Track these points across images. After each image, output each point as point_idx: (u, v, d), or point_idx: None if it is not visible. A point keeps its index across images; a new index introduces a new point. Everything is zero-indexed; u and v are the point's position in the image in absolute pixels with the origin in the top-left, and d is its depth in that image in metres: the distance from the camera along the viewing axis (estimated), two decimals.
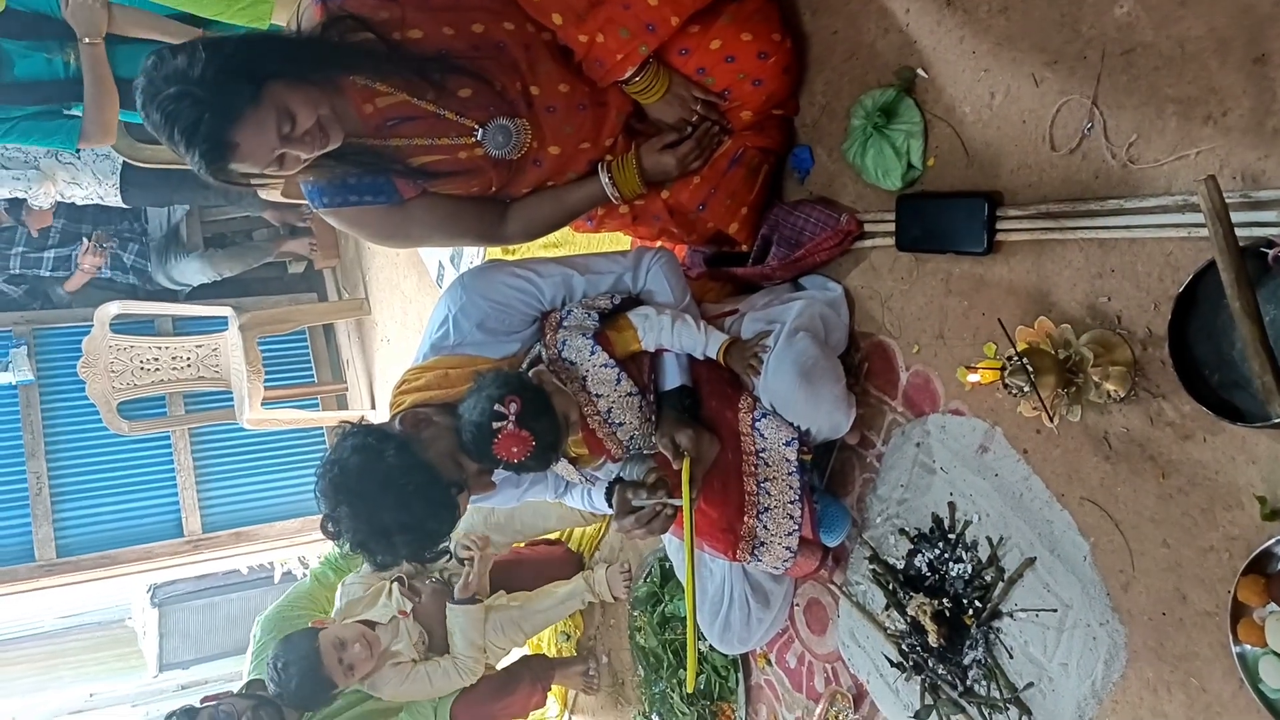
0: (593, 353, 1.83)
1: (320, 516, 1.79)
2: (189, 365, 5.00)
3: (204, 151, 1.59)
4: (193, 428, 5.35)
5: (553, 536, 3.23)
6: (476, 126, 1.82)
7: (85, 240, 4.97)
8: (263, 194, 4.07)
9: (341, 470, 1.70)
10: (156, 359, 4.93)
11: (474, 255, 3.58)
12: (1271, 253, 1.27)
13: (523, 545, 3.21)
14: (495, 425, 1.67)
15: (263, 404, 4.75)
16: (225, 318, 4.86)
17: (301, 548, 5.29)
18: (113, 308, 4.75)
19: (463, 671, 2.79)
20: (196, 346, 4.99)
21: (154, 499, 5.21)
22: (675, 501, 1.78)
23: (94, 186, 4.36)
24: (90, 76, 3.01)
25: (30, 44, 3.01)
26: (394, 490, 1.66)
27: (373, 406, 5.17)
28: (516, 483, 2.04)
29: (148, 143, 3.65)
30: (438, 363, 1.88)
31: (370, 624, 2.75)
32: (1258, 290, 1.28)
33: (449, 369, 1.87)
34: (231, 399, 4.97)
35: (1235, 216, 1.28)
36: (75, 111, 3.13)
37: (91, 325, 4.72)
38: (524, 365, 1.90)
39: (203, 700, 2.74)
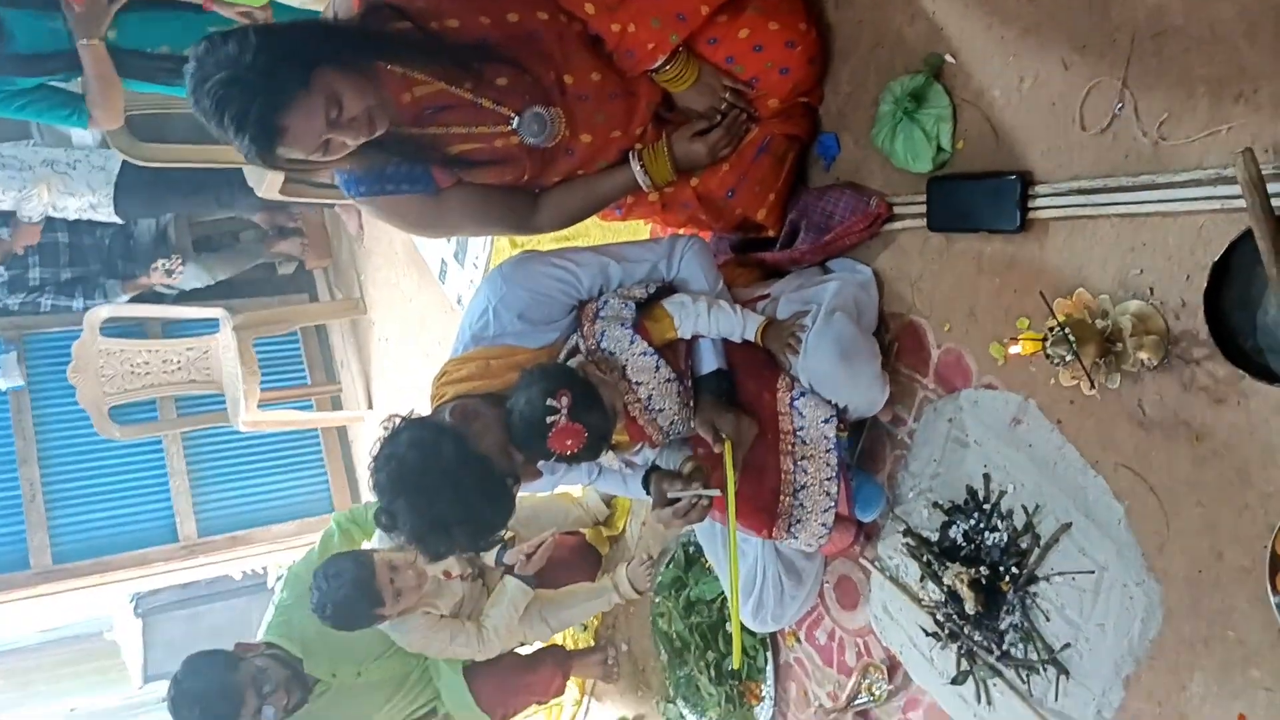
0: (632, 342, 1.87)
1: (375, 509, 1.82)
2: (180, 368, 4.98)
3: (254, 136, 1.61)
4: (185, 431, 5.32)
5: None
6: (512, 114, 1.86)
7: None
8: (260, 192, 4.08)
9: (400, 464, 1.73)
10: (147, 363, 4.90)
11: (479, 251, 3.61)
12: None
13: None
14: (549, 420, 1.72)
15: (257, 406, 4.75)
16: (216, 320, 4.84)
17: (299, 551, 5.27)
18: (103, 311, 4.72)
19: (485, 642, 2.82)
20: (187, 349, 4.97)
21: (148, 504, 5.18)
22: (712, 492, 1.83)
23: (88, 197, 4.34)
24: (92, 74, 3.01)
25: (31, 12, 3.00)
26: (452, 484, 1.71)
27: (370, 406, 5.17)
28: (553, 469, 2.08)
29: (148, 140, 3.66)
30: (479, 353, 1.91)
31: None
32: None
33: (490, 359, 1.91)
34: (223, 402, 4.96)
35: (1269, 188, 1.35)
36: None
37: (81, 330, 4.69)
38: (562, 356, 1.94)
39: (236, 645, 2.79)
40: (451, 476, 1.70)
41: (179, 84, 2.65)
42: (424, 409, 1.92)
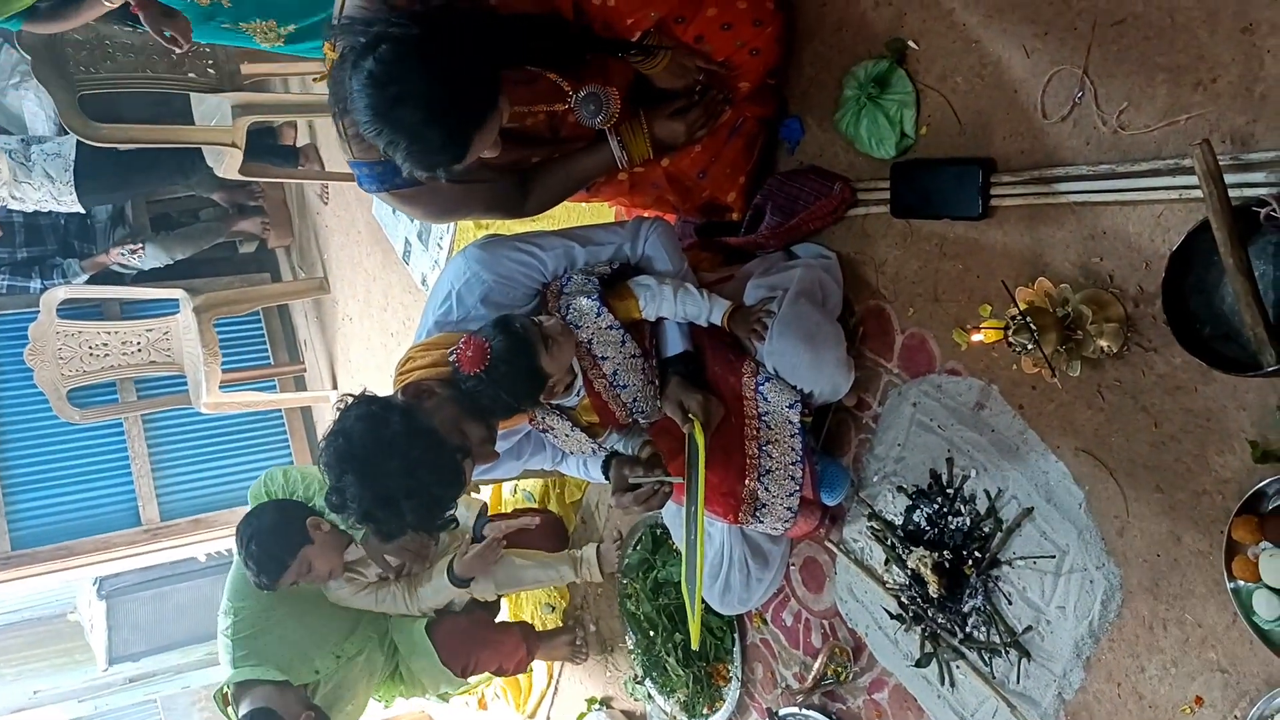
0: (598, 314, 1.86)
1: (324, 490, 1.79)
2: (140, 350, 4.92)
3: (443, 160, 1.55)
4: (146, 414, 5.27)
5: (535, 504, 3.27)
6: (571, 92, 1.84)
7: None
8: (220, 171, 4.01)
9: (346, 439, 1.69)
10: (106, 344, 4.84)
11: (443, 232, 3.58)
12: (1263, 212, 1.35)
13: (508, 511, 3.25)
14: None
15: (219, 387, 4.70)
16: (176, 300, 4.78)
17: None
18: (60, 292, 4.65)
19: (412, 610, 2.85)
20: (147, 330, 4.91)
21: (109, 488, 5.14)
22: (673, 479, 1.83)
23: (47, 187, 4.26)
24: None
25: None
26: (400, 456, 1.66)
27: (334, 386, 5.14)
28: (518, 453, 2.08)
29: (101, 120, 3.58)
30: (442, 339, 1.89)
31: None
32: (1248, 248, 1.36)
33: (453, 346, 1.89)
34: (185, 383, 4.90)
35: (1226, 178, 1.36)
36: None
37: (38, 311, 4.61)
38: None
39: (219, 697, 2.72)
40: (399, 449, 1.66)
41: None
42: (386, 390, 1.90)
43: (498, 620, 3.17)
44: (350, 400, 1.79)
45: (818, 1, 2.02)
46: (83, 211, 4.65)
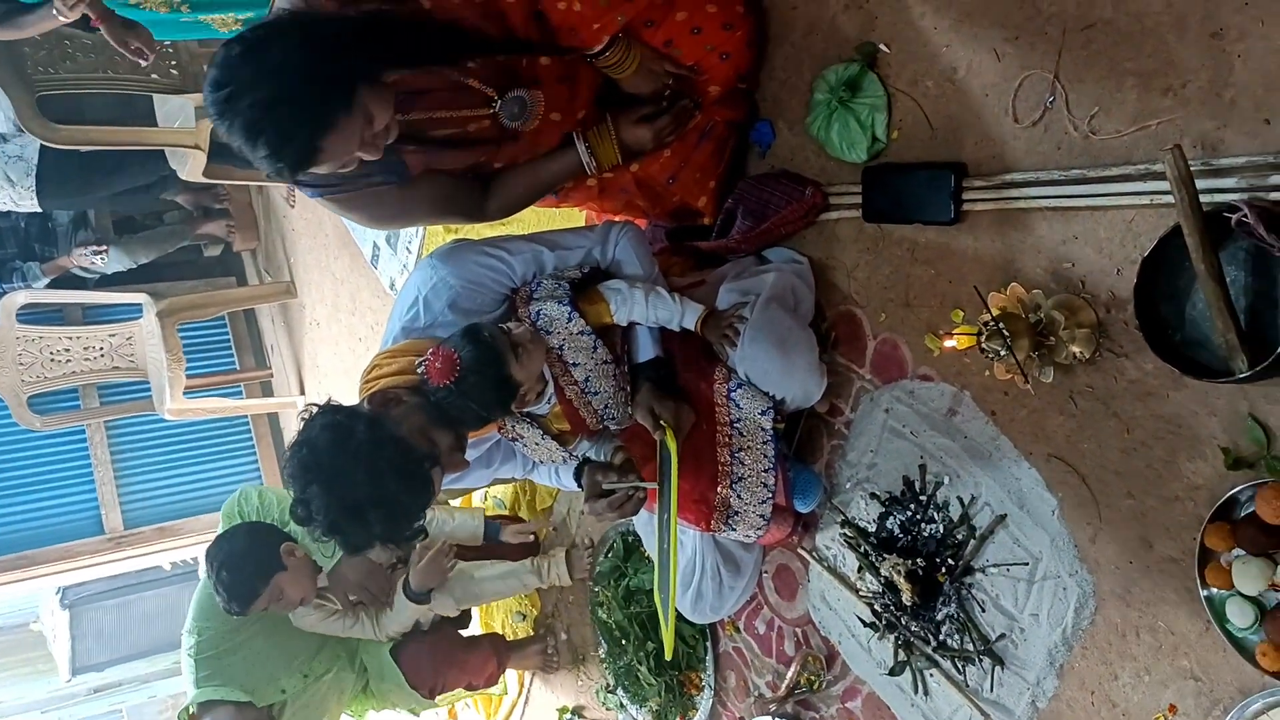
0: (570, 319, 1.83)
1: (289, 504, 1.75)
2: (103, 355, 4.83)
3: (291, 162, 1.53)
4: (109, 420, 5.18)
5: (505, 511, 3.24)
6: (494, 96, 1.81)
7: None
8: (183, 174, 3.95)
9: (311, 449, 1.65)
10: (68, 350, 4.75)
11: (411, 236, 3.54)
12: (1234, 217, 1.35)
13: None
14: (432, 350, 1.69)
15: (184, 393, 4.62)
16: (139, 305, 4.70)
17: None
18: (19, 297, 4.57)
19: (379, 636, 2.82)
20: (110, 335, 4.82)
21: (71, 496, 5.06)
22: (647, 484, 1.81)
23: (7, 190, 4.17)
24: None
25: None
26: (365, 464, 1.62)
27: (301, 392, 5.07)
28: (488, 462, 2.04)
29: (64, 123, 3.51)
30: (409, 346, 1.86)
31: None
32: (1220, 253, 1.36)
33: (421, 352, 1.85)
34: (149, 389, 4.82)
35: (1197, 183, 1.35)
36: None
37: None
38: None
39: None
40: (364, 457, 1.62)
41: None
42: (353, 398, 1.87)
43: (468, 633, 3.12)
44: (315, 409, 1.75)
45: (788, 5, 2.00)
46: (42, 213, 4.56)
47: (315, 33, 1.55)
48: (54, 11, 2.62)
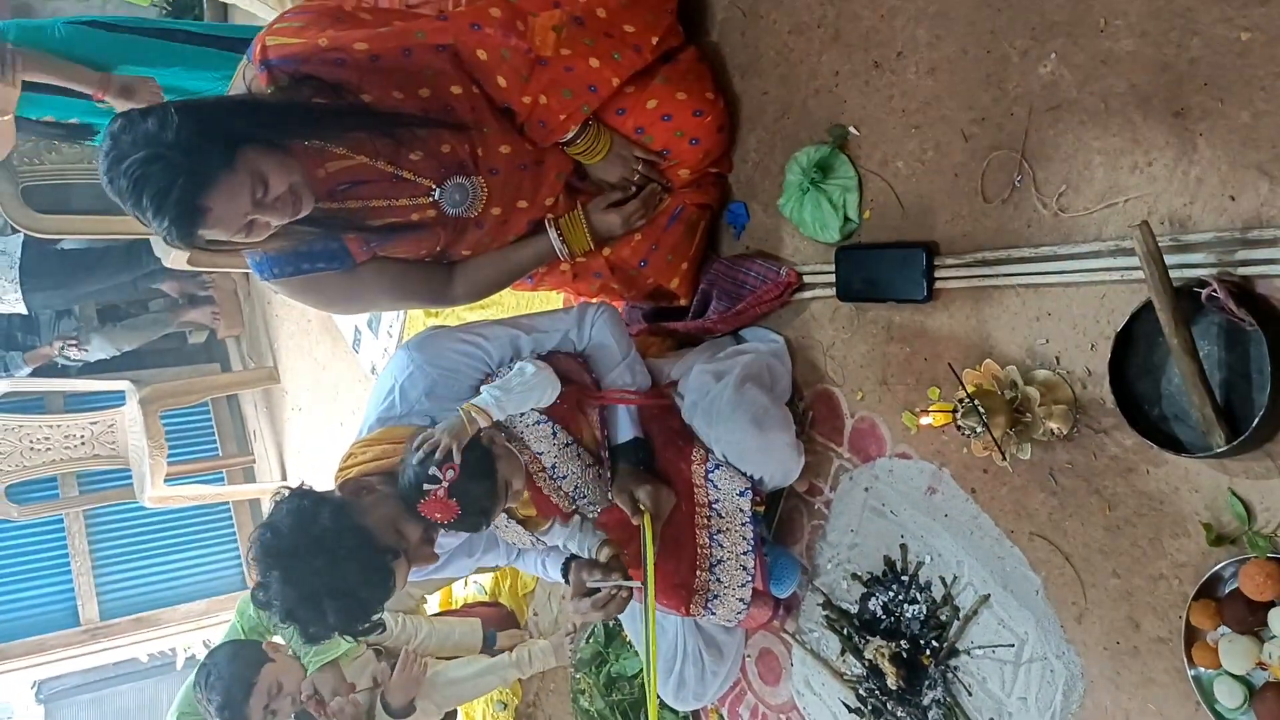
0: (523, 413, 1.82)
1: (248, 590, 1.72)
2: (83, 443, 4.78)
3: (174, 218, 1.53)
4: (88, 509, 5.10)
5: (486, 597, 3.18)
6: (433, 186, 1.82)
7: None
8: (167, 262, 3.96)
9: (274, 533, 1.64)
10: (48, 438, 4.70)
11: (393, 320, 3.54)
12: (1204, 292, 1.35)
13: (459, 605, 3.15)
14: (425, 488, 1.64)
15: (165, 480, 4.57)
16: (122, 392, 4.66)
17: (208, 630, 5.06)
18: (0, 386, 4.53)
19: None
20: (91, 424, 4.77)
21: (47, 587, 4.96)
22: (632, 583, 1.78)
23: None
24: None
25: None
26: (325, 553, 1.60)
27: (284, 478, 5.02)
28: (469, 551, 2.01)
29: (48, 212, 3.53)
30: (384, 434, 1.84)
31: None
32: (1192, 328, 1.36)
33: (396, 441, 1.83)
34: (129, 477, 4.76)
35: (1167, 259, 1.36)
36: None
37: None
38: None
39: None
40: (326, 545, 1.60)
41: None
42: (329, 482, 1.84)
43: None
44: (286, 492, 1.73)
45: (760, 90, 2.03)
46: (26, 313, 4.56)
47: (196, 104, 1.61)
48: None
